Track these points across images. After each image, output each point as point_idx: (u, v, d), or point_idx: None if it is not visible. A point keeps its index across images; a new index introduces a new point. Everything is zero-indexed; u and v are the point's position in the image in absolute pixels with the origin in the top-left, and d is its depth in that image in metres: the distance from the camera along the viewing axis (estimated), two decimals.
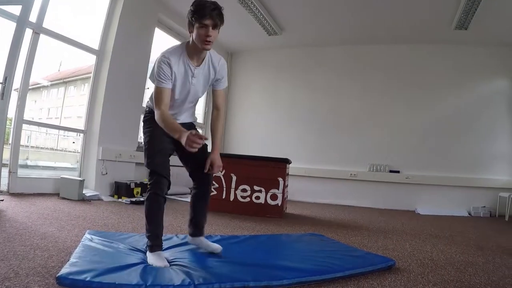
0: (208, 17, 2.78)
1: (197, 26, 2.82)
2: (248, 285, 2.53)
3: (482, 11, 7.25)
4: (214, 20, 2.81)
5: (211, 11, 2.79)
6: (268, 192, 6.48)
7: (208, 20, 2.79)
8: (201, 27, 2.80)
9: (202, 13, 2.78)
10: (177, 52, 2.98)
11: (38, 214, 4.62)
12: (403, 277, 3.06)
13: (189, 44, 2.99)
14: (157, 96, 2.92)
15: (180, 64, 2.96)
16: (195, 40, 2.87)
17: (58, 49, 6.89)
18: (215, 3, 2.85)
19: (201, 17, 2.78)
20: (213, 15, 2.79)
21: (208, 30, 2.80)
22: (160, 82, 2.89)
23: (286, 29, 9.37)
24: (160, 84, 2.90)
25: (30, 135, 6.84)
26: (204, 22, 2.78)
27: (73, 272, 2.35)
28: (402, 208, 9.18)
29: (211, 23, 2.80)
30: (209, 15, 2.78)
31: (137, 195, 7.11)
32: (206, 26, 2.79)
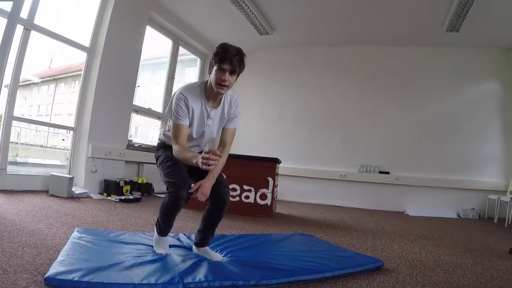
0: (227, 62, 2.82)
1: (215, 68, 2.86)
2: (237, 284, 2.53)
3: (474, 13, 7.31)
4: (233, 66, 2.84)
5: (232, 56, 2.83)
6: (257, 191, 6.49)
7: (227, 65, 2.82)
8: (219, 70, 2.84)
9: (223, 57, 2.82)
10: (195, 91, 3.02)
11: (27, 211, 4.59)
12: (391, 278, 3.08)
13: (207, 84, 3.02)
14: (175, 132, 2.95)
15: (198, 103, 3.01)
16: (212, 81, 2.91)
17: (49, 46, 6.85)
18: (238, 50, 2.89)
19: (221, 60, 2.82)
20: (233, 61, 2.83)
21: (224, 75, 2.83)
22: (178, 119, 2.93)
23: (277, 29, 9.38)
24: (178, 121, 2.94)
25: (20, 132, 6.78)
26: (222, 66, 2.82)
27: (60, 272, 2.34)
28: (391, 209, 9.22)
29: (229, 68, 2.83)
30: (229, 59, 2.82)
31: (127, 193, 7.10)
32: (224, 70, 2.83)
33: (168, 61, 9.59)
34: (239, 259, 3.15)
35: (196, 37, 10.03)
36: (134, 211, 5.67)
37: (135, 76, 8.01)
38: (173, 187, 2.82)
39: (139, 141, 8.86)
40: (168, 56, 9.60)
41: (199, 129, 3.09)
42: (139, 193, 7.36)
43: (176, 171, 2.93)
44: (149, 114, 9.07)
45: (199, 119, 3.04)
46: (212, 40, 10.45)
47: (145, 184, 7.83)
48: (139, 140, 9.08)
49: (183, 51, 10.09)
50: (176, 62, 9.75)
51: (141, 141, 8.93)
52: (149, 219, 5.06)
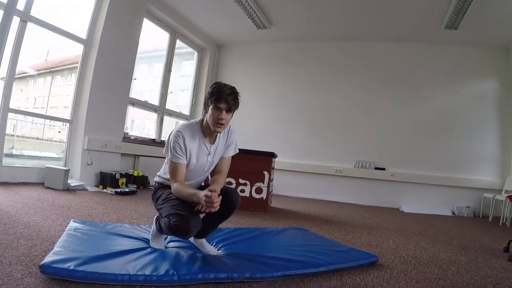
0: (223, 101, 2.90)
1: (211, 107, 2.94)
2: (232, 277, 2.54)
3: (473, 11, 7.30)
4: (229, 104, 2.93)
5: (227, 96, 2.91)
6: (253, 185, 6.50)
7: (223, 104, 2.91)
8: (215, 109, 2.91)
9: (218, 96, 2.91)
10: (192, 129, 3.05)
11: (23, 203, 4.58)
12: (386, 274, 3.09)
13: (203, 122, 3.08)
14: (173, 171, 2.97)
15: (195, 141, 3.04)
16: (209, 120, 2.98)
17: (45, 38, 6.82)
18: (232, 89, 2.98)
19: (217, 100, 2.91)
20: (228, 100, 2.92)
21: (221, 113, 2.91)
22: (176, 157, 2.95)
23: (275, 23, 9.34)
24: (175, 159, 2.95)
25: (15, 124, 6.77)
26: (218, 105, 2.91)
27: (56, 260, 2.34)
28: (387, 205, 9.25)
29: (225, 107, 2.92)
30: (225, 99, 2.90)
31: (122, 186, 7.10)
32: (220, 109, 2.91)
33: (165, 54, 9.55)
34: (234, 253, 3.16)
35: (194, 30, 10.00)
36: (129, 203, 5.66)
37: (132, 68, 7.99)
38: (182, 219, 2.69)
39: (135, 133, 8.83)
40: (165, 49, 9.57)
41: (202, 166, 3.12)
42: (134, 186, 7.36)
43: (184, 205, 2.82)
44: (146, 107, 9.05)
45: (199, 156, 3.07)
46: (209, 33, 10.43)
47: (140, 177, 7.83)
48: (135, 133, 9.06)
49: (180, 44, 10.06)
50: (173, 55, 9.72)
51: (137, 134, 8.91)
52: (145, 212, 5.06)
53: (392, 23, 8.67)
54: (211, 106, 2.94)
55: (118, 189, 6.70)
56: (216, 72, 11.25)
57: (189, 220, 2.68)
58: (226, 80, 3.12)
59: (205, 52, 11.02)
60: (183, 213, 2.70)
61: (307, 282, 2.69)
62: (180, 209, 2.75)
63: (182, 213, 2.70)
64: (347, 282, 2.78)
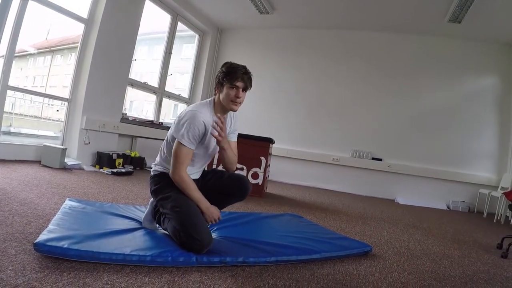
0: (240, 80, 2.92)
1: (227, 86, 2.94)
2: (225, 261, 2.55)
3: (477, 6, 7.24)
4: (245, 83, 2.96)
5: (243, 74, 2.94)
6: (249, 170, 6.50)
7: (239, 82, 2.93)
8: (232, 88, 2.92)
9: (234, 75, 2.92)
10: (207, 111, 3.01)
11: (19, 180, 4.58)
12: (378, 264, 3.11)
13: (215, 103, 3.06)
14: (181, 157, 2.87)
15: (210, 123, 2.97)
16: (223, 99, 2.98)
17: (46, 16, 6.77)
18: (245, 68, 3.01)
19: (233, 79, 2.92)
20: (245, 78, 2.95)
21: (238, 92, 2.94)
22: (190, 142, 2.86)
23: (277, 8, 9.26)
24: (188, 144, 2.86)
25: (14, 102, 6.75)
26: (235, 83, 2.92)
27: (50, 239, 2.34)
28: (382, 196, 9.27)
29: (242, 85, 2.95)
30: (241, 77, 2.92)
31: (119, 166, 7.10)
32: (237, 87, 2.93)
33: (166, 36, 9.49)
34: (228, 237, 3.16)
35: (196, 13, 9.92)
36: (125, 184, 5.67)
37: (132, 49, 7.93)
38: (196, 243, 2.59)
39: (133, 115, 8.81)
40: (166, 31, 9.51)
41: (208, 147, 3.10)
42: (131, 167, 7.35)
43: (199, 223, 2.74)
44: (145, 88, 9.00)
45: (210, 138, 3.03)
46: (211, 17, 10.36)
47: (137, 158, 7.82)
48: (133, 114, 9.04)
49: (181, 27, 9.99)
50: (174, 37, 9.65)
51: (136, 115, 8.89)
52: (140, 193, 5.07)
53: (395, 14, 8.57)
54: (226, 85, 2.94)
55: (115, 170, 6.70)
56: (216, 56, 11.20)
57: (202, 246, 2.60)
58: None
59: (206, 35, 10.96)
60: (198, 237, 2.60)
61: (300, 268, 2.71)
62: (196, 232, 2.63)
63: (198, 237, 2.60)
64: (340, 270, 2.79)
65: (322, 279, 2.56)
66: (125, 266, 2.30)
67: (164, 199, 2.92)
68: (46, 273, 2.02)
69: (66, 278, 1.99)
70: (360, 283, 2.60)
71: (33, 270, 2.02)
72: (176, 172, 2.86)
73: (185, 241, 2.63)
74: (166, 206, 2.88)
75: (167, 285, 2.12)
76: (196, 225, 2.68)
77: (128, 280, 2.11)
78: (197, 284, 2.19)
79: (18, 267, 2.03)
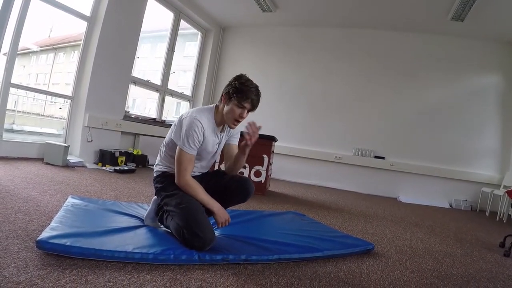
0: (249, 101, 2.89)
1: (235, 103, 2.89)
2: (227, 258, 2.55)
3: (480, 4, 7.21)
4: (253, 106, 2.93)
5: (254, 96, 2.90)
6: (252, 168, 6.50)
7: (248, 103, 2.89)
8: (239, 107, 2.89)
9: (246, 95, 2.87)
10: (208, 118, 2.99)
11: (21, 178, 4.59)
12: (381, 262, 3.11)
13: (217, 110, 3.04)
14: (184, 163, 2.88)
15: (210, 130, 2.99)
16: (226, 113, 2.95)
17: (49, 14, 6.78)
18: (257, 89, 2.96)
19: (243, 99, 2.87)
20: (254, 101, 2.92)
21: (244, 112, 2.91)
22: (191, 148, 2.87)
23: (280, 6, 9.24)
24: (190, 151, 2.88)
25: (17, 100, 6.76)
26: (244, 103, 2.88)
27: (53, 236, 2.35)
28: (385, 194, 9.26)
29: (249, 107, 2.92)
30: (251, 99, 2.89)
31: (121, 164, 7.10)
32: (244, 108, 2.89)
33: (169, 34, 9.49)
34: (230, 235, 3.17)
35: (198, 11, 9.91)
36: (128, 182, 5.67)
37: (135, 47, 7.93)
38: (199, 241, 2.60)
39: (136, 112, 8.81)
40: (169, 29, 9.51)
41: (209, 153, 3.10)
42: (134, 165, 7.36)
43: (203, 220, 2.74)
44: (148, 86, 9.01)
45: (212, 144, 3.05)
46: (214, 14, 10.35)
47: (140, 155, 7.82)
48: (136, 111, 9.04)
49: (184, 25, 9.98)
50: (177, 35, 9.65)
51: (138, 113, 8.89)
52: (143, 191, 5.08)
53: (398, 12, 8.54)
54: (234, 101, 2.89)
55: (117, 167, 6.71)
56: (219, 54, 11.17)
57: (205, 242, 2.61)
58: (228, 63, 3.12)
59: (209, 33, 10.95)
60: (201, 234, 2.61)
61: (302, 266, 2.71)
62: (199, 229, 2.64)
63: (200, 234, 2.61)
64: (342, 268, 2.79)
65: (325, 277, 2.56)
66: (127, 263, 2.30)
67: (169, 197, 2.93)
68: (48, 270, 2.02)
69: (68, 276, 2.00)
70: (362, 281, 2.60)
71: (36, 268, 2.03)
72: (181, 179, 2.87)
73: (187, 238, 2.64)
74: (171, 204, 2.88)
75: (169, 282, 2.12)
76: (199, 222, 2.69)
77: (130, 277, 2.11)
78: (199, 282, 2.19)
79: (21, 264, 2.04)
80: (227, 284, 2.21)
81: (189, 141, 2.84)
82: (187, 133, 2.84)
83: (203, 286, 2.15)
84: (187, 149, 2.85)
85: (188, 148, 2.85)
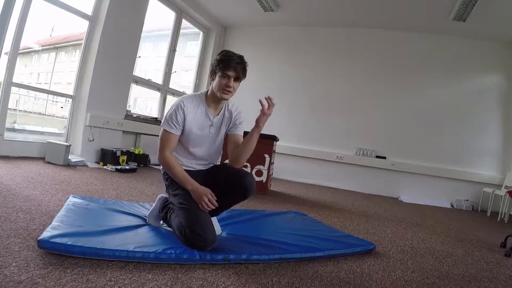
0: (232, 69, 2.91)
1: (219, 74, 2.94)
2: (228, 258, 2.55)
3: (482, 4, 7.20)
4: (237, 73, 2.94)
5: (236, 64, 2.91)
6: (253, 168, 6.50)
7: (231, 71, 2.91)
8: (223, 76, 2.92)
9: (227, 64, 2.90)
10: (195, 100, 3.04)
11: (23, 177, 4.59)
12: (382, 262, 3.11)
13: (208, 93, 3.08)
14: (163, 141, 2.97)
15: (198, 113, 3.02)
16: (215, 88, 2.98)
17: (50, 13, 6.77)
18: (241, 57, 2.98)
19: (225, 67, 2.90)
20: (237, 68, 2.92)
21: (229, 81, 2.92)
22: (169, 126, 2.94)
23: (282, 6, 9.23)
24: (167, 128, 2.95)
25: (18, 99, 6.76)
26: (227, 72, 2.91)
27: (54, 235, 2.35)
28: (386, 194, 9.26)
29: (233, 75, 2.93)
30: (234, 67, 2.90)
31: (123, 163, 7.10)
32: (229, 76, 2.91)
33: (170, 33, 9.49)
34: (231, 234, 3.18)
35: (200, 11, 9.91)
36: (129, 181, 5.67)
37: (137, 46, 7.94)
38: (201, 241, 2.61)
39: (137, 112, 8.81)
40: (171, 29, 9.50)
41: (205, 137, 3.09)
42: (135, 164, 7.36)
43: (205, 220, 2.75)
44: (149, 85, 9.02)
45: (203, 127, 3.05)
46: (216, 14, 10.36)
47: (141, 155, 7.82)
48: (137, 111, 9.05)
49: (185, 24, 9.98)
50: (178, 35, 9.65)
51: (140, 112, 8.89)
52: (144, 190, 5.08)
53: (400, 12, 8.53)
54: (218, 73, 2.94)
55: (119, 166, 6.71)
56: None
57: (206, 242, 2.61)
58: None
59: (211, 33, 10.95)
60: (203, 234, 2.62)
61: (303, 266, 2.71)
62: (200, 228, 2.65)
63: (202, 233, 2.62)
64: (343, 268, 2.79)
65: (326, 277, 2.56)
66: (129, 262, 2.30)
67: (174, 196, 2.97)
68: (49, 269, 2.02)
69: (69, 275, 2.00)
70: (363, 281, 2.59)
71: (37, 267, 2.03)
72: (160, 155, 2.97)
73: (189, 237, 2.64)
74: (174, 202, 2.93)
75: (170, 282, 2.12)
76: (201, 222, 2.70)
77: (131, 276, 2.11)
78: (200, 281, 2.20)
79: (22, 263, 2.04)
80: (228, 284, 2.21)
81: (167, 120, 2.95)
82: (169, 113, 2.96)
83: (204, 285, 2.15)
84: (165, 127, 2.95)
85: (167, 126, 2.95)
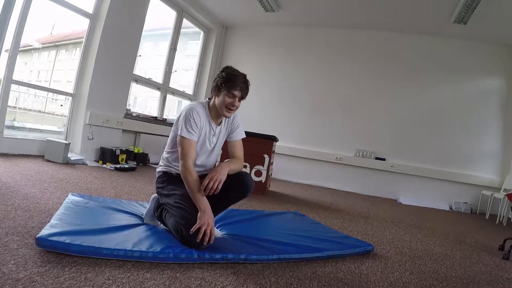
0: (238, 89, 2.94)
1: (225, 93, 2.96)
2: (227, 257, 2.55)
3: (483, 7, 7.20)
4: (243, 93, 2.99)
5: (242, 84, 2.95)
6: (252, 168, 6.50)
7: (237, 91, 2.94)
8: (229, 96, 2.94)
9: (233, 83, 2.93)
10: (203, 108, 3.06)
11: (22, 175, 4.59)
12: (380, 263, 3.11)
13: (209, 104, 3.10)
14: (185, 149, 2.91)
15: (205, 121, 3.05)
16: (218, 104, 3.01)
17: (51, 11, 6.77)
18: (245, 77, 3.02)
19: (232, 87, 2.93)
20: (243, 88, 2.97)
21: (235, 101, 2.96)
22: (190, 133, 2.92)
23: (283, 6, 9.23)
24: (188, 136, 2.92)
25: (18, 97, 6.75)
26: (233, 92, 2.93)
27: (53, 233, 2.34)
28: (385, 195, 9.27)
29: (238, 95, 2.96)
30: (240, 87, 2.94)
31: (122, 162, 7.10)
32: (234, 96, 2.94)
33: (171, 32, 9.48)
34: (230, 234, 3.18)
35: (201, 10, 9.91)
36: (128, 180, 5.67)
37: (137, 45, 7.94)
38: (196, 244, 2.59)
39: (137, 111, 8.81)
40: (171, 28, 9.50)
41: (203, 147, 3.10)
42: (134, 163, 7.35)
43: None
44: (149, 84, 9.00)
45: (205, 135, 3.08)
46: (217, 14, 10.36)
47: (141, 154, 7.82)
48: (137, 110, 9.04)
49: (186, 24, 9.98)
50: (179, 34, 9.65)
51: (140, 111, 8.89)
52: (143, 189, 5.08)
53: (400, 14, 8.53)
54: (224, 91, 2.95)
55: (118, 165, 6.70)
56: (221, 53, 11.19)
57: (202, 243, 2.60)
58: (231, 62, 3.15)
59: (212, 32, 10.95)
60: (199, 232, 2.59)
61: (301, 266, 2.71)
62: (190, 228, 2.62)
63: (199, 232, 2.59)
64: (341, 269, 2.79)
65: (324, 277, 2.56)
66: (127, 261, 2.30)
67: (169, 196, 2.95)
68: (47, 267, 2.02)
69: (67, 273, 2.00)
70: (361, 282, 2.60)
71: (35, 265, 2.03)
72: (182, 164, 2.89)
73: (185, 236, 2.64)
74: (170, 202, 2.91)
75: (168, 281, 2.12)
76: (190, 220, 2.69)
77: (129, 275, 2.11)
78: (198, 280, 2.20)
79: (20, 261, 2.04)
80: (226, 283, 2.21)
81: (187, 126, 2.91)
82: (186, 119, 2.93)
83: (202, 284, 2.15)
84: (185, 134, 2.91)
85: (186, 133, 2.91)
